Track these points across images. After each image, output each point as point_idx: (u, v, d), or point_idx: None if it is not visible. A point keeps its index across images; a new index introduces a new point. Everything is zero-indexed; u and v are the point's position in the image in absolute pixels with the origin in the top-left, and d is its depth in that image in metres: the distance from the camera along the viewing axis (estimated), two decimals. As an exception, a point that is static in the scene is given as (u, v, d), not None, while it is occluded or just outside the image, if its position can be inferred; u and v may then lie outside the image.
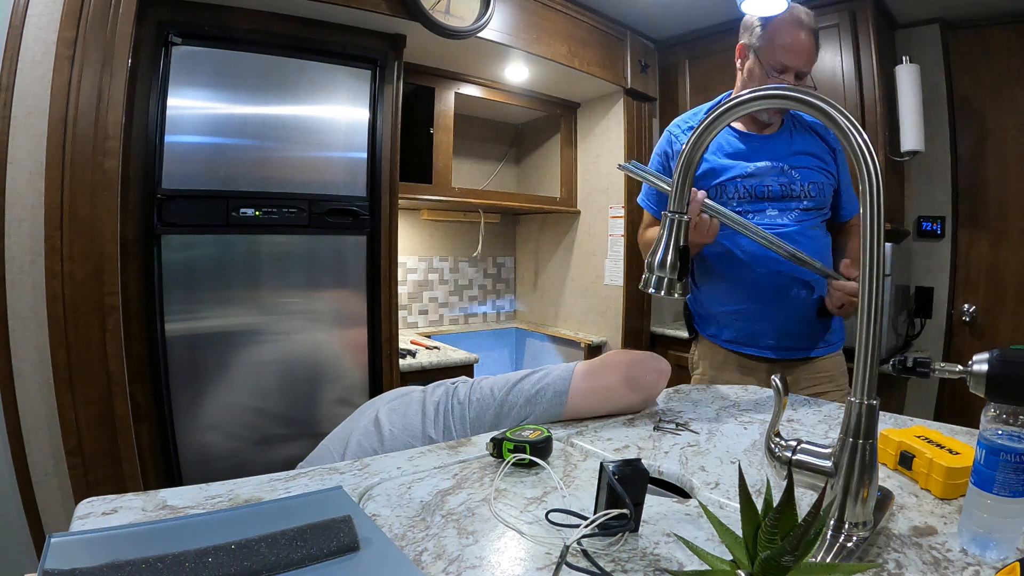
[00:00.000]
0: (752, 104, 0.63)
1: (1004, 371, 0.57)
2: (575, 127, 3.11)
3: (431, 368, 2.24)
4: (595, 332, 2.98)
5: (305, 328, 1.91)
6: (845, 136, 0.55)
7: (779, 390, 0.62)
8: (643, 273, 0.75)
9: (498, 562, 0.54)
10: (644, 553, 0.56)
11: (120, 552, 0.49)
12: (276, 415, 1.87)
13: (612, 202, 2.87)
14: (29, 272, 1.40)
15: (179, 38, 1.64)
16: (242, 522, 0.57)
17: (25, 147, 1.38)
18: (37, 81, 1.39)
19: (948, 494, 0.68)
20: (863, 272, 0.54)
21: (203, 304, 1.72)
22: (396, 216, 2.08)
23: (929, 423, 0.97)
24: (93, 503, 0.63)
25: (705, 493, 0.72)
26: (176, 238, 1.66)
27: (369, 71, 1.99)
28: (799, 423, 0.99)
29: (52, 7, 1.40)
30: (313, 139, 1.89)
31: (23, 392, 1.41)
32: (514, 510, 0.65)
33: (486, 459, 0.80)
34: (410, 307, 3.04)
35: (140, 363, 1.62)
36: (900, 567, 0.53)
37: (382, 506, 0.65)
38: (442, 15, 2.02)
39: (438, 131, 2.56)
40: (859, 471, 0.55)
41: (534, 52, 2.32)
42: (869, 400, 0.54)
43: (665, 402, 1.12)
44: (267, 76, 1.80)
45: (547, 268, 3.31)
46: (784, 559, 0.41)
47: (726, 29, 2.62)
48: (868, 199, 0.54)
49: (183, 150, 1.67)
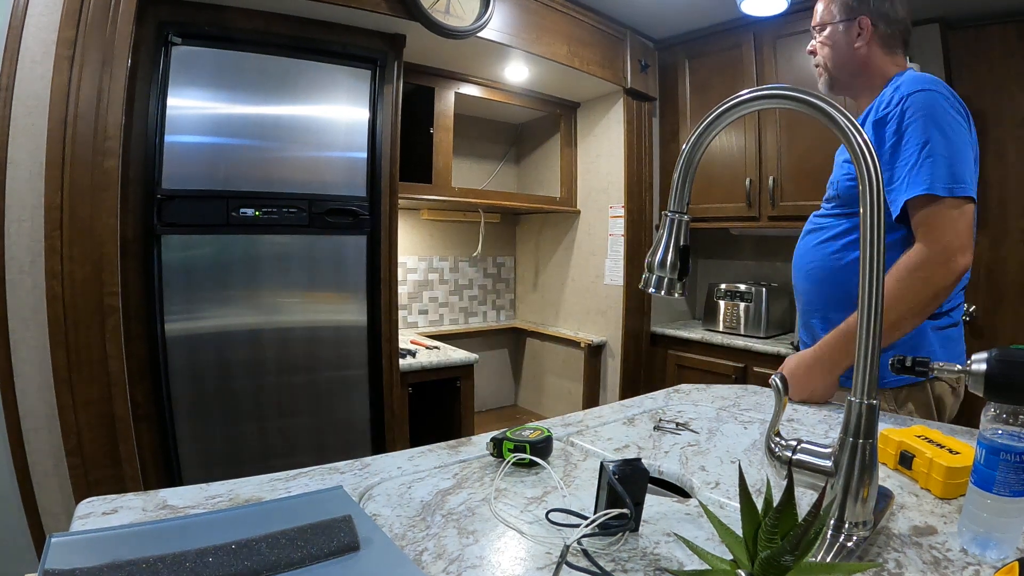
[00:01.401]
0: (752, 104, 0.63)
1: (1003, 371, 0.57)
2: (575, 127, 3.11)
3: (431, 368, 2.24)
4: (595, 332, 2.98)
5: (305, 328, 1.91)
6: (845, 136, 0.55)
7: (779, 390, 0.62)
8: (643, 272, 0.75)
9: (498, 562, 0.54)
10: (644, 553, 0.56)
11: (120, 552, 0.49)
12: (276, 415, 1.87)
13: (612, 202, 2.87)
14: (29, 272, 1.40)
15: (179, 38, 1.64)
16: (242, 522, 0.57)
17: (25, 147, 1.38)
18: (37, 81, 1.39)
19: (948, 494, 0.68)
20: (863, 272, 0.54)
21: (203, 304, 1.72)
22: (396, 216, 2.08)
23: (929, 423, 0.97)
24: (93, 503, 0.63)
25: (705, 493, 0.72)
26: (176, 238, 1.66)
27: (369, 71, 1.99)
28: (799, 423, 0.99)
29: (52, 7, 1.40)
30: (313, 139, 1.89)
31: (23, 392, 1.41)
32: (514, 510, 0.65)
33: (486, 459, 0.80)
34: (410, 307, 3.04)
35: (140, 363, 1.62)
36: (900, 567, 0.53)
37: (382, 506, 0.65)
38: (442, 15, 2.02)
39: (438, 131, 2.56)
40: (859, 471, 0.55)
41: (534, 52, 2.32)
42: (869, 400, 0.54)
43: (665, 402, 1.12)
44: (267, 76, 1.81)
45: (547, 268, 3.31)
46: (784, 559, 0.41)
47: (726, 29, 2.62)
48: (868, 199, 0.54)
49: (183, 150, 1.67)
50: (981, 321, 2.39)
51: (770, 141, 2.50)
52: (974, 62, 2.35)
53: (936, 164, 0.97)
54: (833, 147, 1.32)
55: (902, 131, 1.01)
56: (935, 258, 0.97)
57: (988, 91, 2.33)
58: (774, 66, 2.48)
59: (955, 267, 0.97)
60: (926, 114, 0.99)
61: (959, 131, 1.00)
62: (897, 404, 1.10)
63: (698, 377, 2.62)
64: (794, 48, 2.41)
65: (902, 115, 1.01)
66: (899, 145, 1.01)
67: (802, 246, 1.24)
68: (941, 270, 0.97)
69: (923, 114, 0.99)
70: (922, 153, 0.98)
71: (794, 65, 2.43)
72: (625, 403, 1.13)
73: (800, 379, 1.11)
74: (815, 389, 1.11)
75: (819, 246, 1.18)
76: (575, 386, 3.04)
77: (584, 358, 2.92)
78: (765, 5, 2.21)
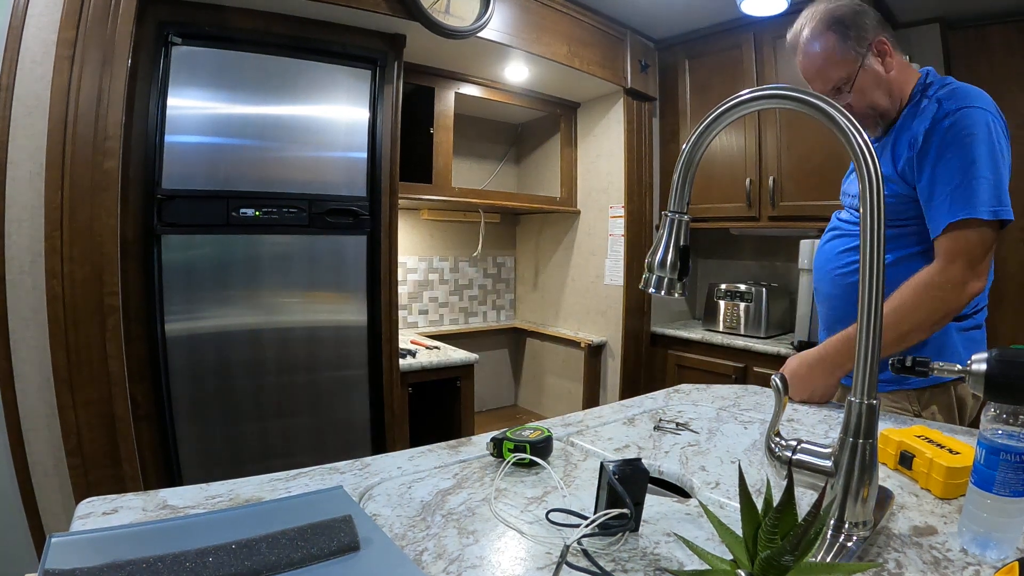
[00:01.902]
0: (752, 104, 0.63)
1: (1002, 371, 0.57)
2: (575, 127, 3.11)
3: (431, 368, 2.24)
4: (595, 332, 2.98)
5: (305, 328, 1.91)
6: (845, 136, 0.55)
7: (779, 390, 0.62)
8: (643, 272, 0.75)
9: (498, 562, 0.54)
10: (644, 553, 0.56)
11: (120, 552, 0.49)
12: (276, 415, 1.87)
13: (612, 202, 2.87)
14: (29, 272, 1.40)
15: (179, 38, 1.64)
16: (243, 522, 0.57)
17: (25, 147, 1.38)
18: (37, 81, 1.39)
19: (948, 494, 0.68)
20: (863, 271, 0.54)
21: (203, 304, 1.72)
22: (396, 216, 2.08)
23: (929, 423, 0.97)
24: (93, 503, 0.63)
25: (705, 493, 0.72)
26: (176, 238, 1.66)
27: (369, 71, 1.99)
28: (799, 423, 0.99)
29: (52, 7, 1.39)
30: (313, 139, 1.89)
31: (23, 392, 1.41)
32: (514, 510, 0.65)
33: (486, 459, 0.80)
34: (410, 307, 3.04)
35: (140, 363, 1.62)
36: (900, 567, 0.53)
37: (382, 506, 0.65)
38: (442, 15, 2.02)
39: (438, 131, 2.56)
40: (859, 471, 0.55)
41: (534, 52, 2.32)
42: (869, 400, 0.54)
43: (665, 402, 1.12)
44: (267, 76, 1.80)
45: (547, 268, 3.31)
46: (784, 559, 0.41)
47: (726, 29, 2.62)
48: (868, 199, 0.54)
49: (183, 150, 1.67)
50: (981, 321, 2.39)
51: (770, 141, 2.50)
52: (974, 62, 2.35)
53: (982, 185, 0.96)
54: (833, 147, 1.32)
55: (949, 147, 0.99)
56: (955, 277, 0.98)
57: (988, 91, 2.33)
58: (774, 66, 2.48)
59: (970, 291, 0.99)
60: (972, 131, 0.97)
61: (1001, 150, 0.99)
62: (920, 406, 1.11)
63: (698, 377, 2.62)
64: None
65: (948, 132, 0.99)
66: (944, 162, 0.99)
67: (828, 250, 1.22)
68: (956, 292, 0.99)
69: (970, 129, 0.97)
70: (969, 173, 0.96)
71: (794, 65, 2.42)
72: (625, 403, 1.13)
73: (802, 379, 1.12)
74: (816, 389, 1.11)
75: (846, 253, 1.16)
76: (575, 386, 3.04)
77: (584, 358, 2.92)
78: (765, 5, 2.21)
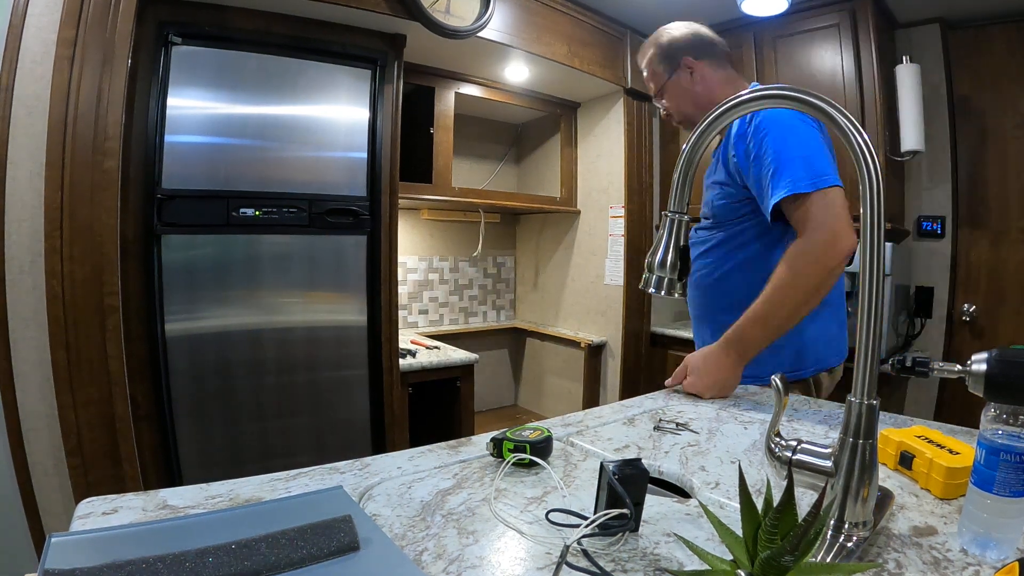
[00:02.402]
0: (752, 104, 0.63)
1: (1003, 371, 0.57)
2: (575, 127, 3.11)
3: (431, 368, 2.24)
4: (595, 332, 2.98)
5: (305, 328, 1.91)
6: (845, 136, 0.55)
7: (779, 390, 0.62)
8: (643, 272, 0.75)
9: (498, 562, 0.54)
10: (644, 553, 0.56)
11: (120, 552, 0.49)
12: (276, 415, 1.87)
13: (612, 202, 2.87)
14: (29, 272, 1.40)
15: (179, 38, 1.64)
16: (243, 522, 0.57)
17: (25, 147, 1.39)
18: (37, 81, 1.39)
19: (948, 494, 0.68)
20: (863, 271, 0.54)
21: (203, 304, 1.73)
22: (396, 216, 2.08)
23: (929, 423, 0.97)
24: (93, 503, 0.63)
25: (705, 493, 0.72)
26: (176, 238, 1.66)
27: (369, 71, 1.99)
28: (799, 423, 0.99)
29: (52, 7, 1.40)
30: (313, 139, 1.89)
31: (23, 392, 1.41)
32: (514, 510, 0.65)
33: (486, 459, 0.80)
34: (410, 307, 3.04)
35: (140, 363, 1.62)
36: (900, 567, 0.53)
37: (382, 506, 0.65)
38: (442, 15, 2.02)
39: (438, 131, 2.56)
40: (859, 471, 0.54)
41: (534, 52, 2.32)
42: (869, 400, 0.54)
43: (665, 402, 1.12)
44: (267, 76, 1.80)
45: (547, 268, 3.31)
46: (784, 559, 0.41)
47: (726, 29, 2.62)
48: (868, 199, 0.54)
49: (183, 150, 1.67)
50: (981, 321, 2.39)
51: (770, 141, 2.49)
52: (974, 62, 2.35)
53: (794, 165, 1.05)
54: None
55: (759, 144, 1.11)
56: (819, 241, 1.03)
57: (988, 91, 2.33)
58: (774, 66, 2.48)
59: (841, 246, 1.02)
60: (774, 124, 1.09)
61: (809, 131, 1.09)
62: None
63: (698, 377, 2.61)
64: (794, 48, 2.41)
65: (755, 131, 1.12)
66: (759, 157, 1.11)
67: None
68: (829, 251, 1.02)
69: (771, 125, 1.09)
70: (780, 159, 1.06)
71: (794, 65, 2.43)
72: (625, 403, 1.13)
73: (711, 372, 1.13)
74: (727, 380, 1.13)
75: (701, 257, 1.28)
76: (575, 386, 3.04)
77: (584, 358, 2.92)
78: (765, 5, 2.21)
